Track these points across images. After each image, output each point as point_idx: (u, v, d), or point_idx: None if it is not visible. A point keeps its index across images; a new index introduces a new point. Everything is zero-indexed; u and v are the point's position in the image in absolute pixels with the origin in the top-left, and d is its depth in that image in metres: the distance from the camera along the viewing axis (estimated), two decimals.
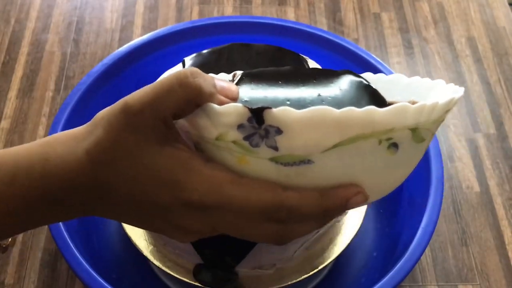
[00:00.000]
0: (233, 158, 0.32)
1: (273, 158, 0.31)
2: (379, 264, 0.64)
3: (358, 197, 0.32)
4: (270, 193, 0.31)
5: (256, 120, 0.30)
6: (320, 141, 0.30)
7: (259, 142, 0.31)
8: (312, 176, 0.31)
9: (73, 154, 0.32)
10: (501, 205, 0.71)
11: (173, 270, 0.55)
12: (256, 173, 0.32)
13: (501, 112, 0.80)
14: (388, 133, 0.30)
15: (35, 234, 0.67)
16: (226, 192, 0.31)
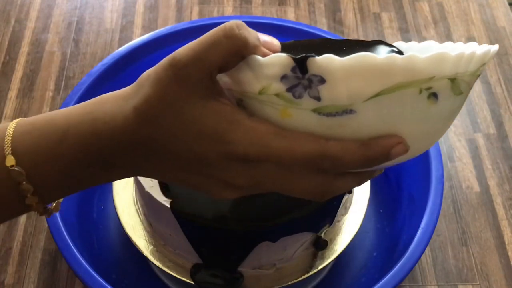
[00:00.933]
0: (275, 111, 0.32)
1: (316, 109, 0.31)
2: (379, 264, 0.64)
3: (399, 147, 0.32)
4: (314, 144, 0.31)
5: (300, 70, 0.31)
6: (363, 89, 0.30)
7: (302, 92, 0.31)
8: (354, 126, 0.31)
9: (121, 112, 0.33)
10: (501, 205, 0.71)
11: (173, 270, 0.55)
12: (299, 125, 0.32)
13: (501, 112, 0.80)
14: (428, 82, 0.31)
15: (35, 234, 0.67)
16: (270, 143, 0.31)
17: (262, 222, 0.49)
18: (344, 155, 0.31)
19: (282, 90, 0.31)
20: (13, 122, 0.35)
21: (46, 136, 0.34)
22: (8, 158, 0.33)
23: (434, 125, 0.33)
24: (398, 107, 0.31)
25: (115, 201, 0.59)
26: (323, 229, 0.54)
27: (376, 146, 0.32)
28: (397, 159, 0.33)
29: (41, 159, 0.34)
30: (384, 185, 0.69)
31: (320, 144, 0.31)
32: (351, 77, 0.30)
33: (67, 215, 0.57)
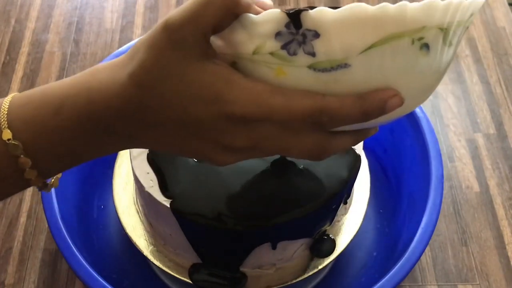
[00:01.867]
0: (270, 71, 0.32)
1: (311, 65, 0.31)
2: (379, 264, 0.64)
3: (394, 100, 0.32)
4: (311, 99, 0.31)
5: (294, 25, 0.30)
6: (357, 41, 0.30)
7: (297, 49, 0.31)
8: (349, 80, 0.31)
9: (117, 80, 0.32)
10: (501, 205, 0.71)
11: (173, 270, 0.55)
12: (294, 83, 0.32)
13: (501, 112, 0.80)
14: (420, 31, 0.31)
15: (35, 234, 0.67)
16: (268, 101, 0.31)
17: (262, 222, 0.49)
18: (342, 109, 0.31)
19: (277, 47, 0.31)
20: (9, 96, 0.34)
21: (42, 109, 0.33)
22: (4, 132, 0.33)
23: (426, 77, 0.33)
24: (391, 59, 0.31)
25: (115, 201, 0.59)
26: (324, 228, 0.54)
27: (373, 98, 0.32)
28: (391, 114, 0.33)
29: (38, 132, 0.33)
30: (384, 185, 0.70)
31: (317, 99, 0.31)
32: (344, 29, 0.30)
33: (67, 215, 0.57)
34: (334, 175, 0.51)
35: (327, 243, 0.55)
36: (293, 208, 0.49)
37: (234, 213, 0.49)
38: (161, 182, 0.50)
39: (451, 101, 0.81)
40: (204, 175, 0.50)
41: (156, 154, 0.52)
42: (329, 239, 0.55)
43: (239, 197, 0.49)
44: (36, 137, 0.33)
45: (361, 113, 0.32)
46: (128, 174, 0.61)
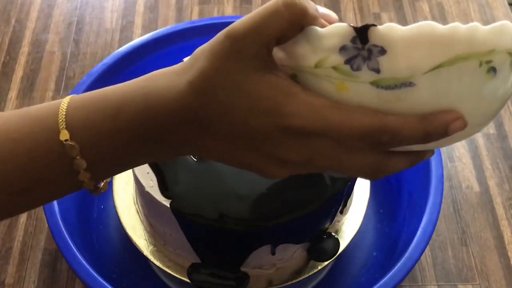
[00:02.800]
0: (332, 86, 0.31)
1: (374, 82, 0.30)
2: (379, 264, 0.64)
3: (458, 123, 0.31)
4: (372, 117, 0.31)
5: (360, 40, 0.30)
6: (424, 60, 0.30)
7: (361, 64, 0.30)
8: (412, 100, 0.31)
9: (175, 87, 0.32)
10: (501, 205, 0.71)
11: (173, 270, 0.55)
12: (356, 99, 0.31)
13: (501, 112, 0.80)
14: (488, 55, 0.30)
15: (36, 234, 0.67)
16: (327, 116, 0.31)
17: (262, 222, 0.49)
18: (403, 129, 0.31)
19: (340, 62, 0.31)
20: (66, 98, 0.35)
21: (100, 112, 0.34)
22: (62, 132, 0.33)
23: (491, 102, 0.33)
24: (457, 81, 0.30)
25: (115, 201, 0.59)
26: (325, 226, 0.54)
27: (436, 120, 0.31)
28: (451, 138, 0.32)
29: (94, 135, 0.33)
30: (384, 185, 0.70)
31: (379, 117, 0.31)
32: (412, 47, 0.30)
33: (67, 215, 0.57)
34: (334, 176, 0.51)
35: (329, 243, 0.55)
36: (293, 209, 0.49)
37: (234, 213, 0.49)
38: (161, 182, 0.50)
39: None
40: (204, 175, 0.50)
41: None
42: (331, 240, 0.55)
43: (239, 198, 0.49)
44: (93, 140, 0.33)
45: (423, 135, 0.31)
46: (128, 174, 0.61)
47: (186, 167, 0.50)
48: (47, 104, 0.35)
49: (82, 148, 0.33)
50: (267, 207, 0.49)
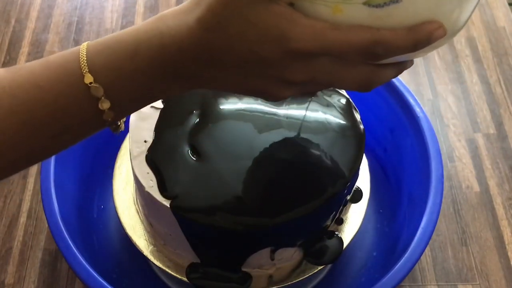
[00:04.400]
0: (327, 9, 0.34)
1: (366, 2, 0.34)
2: (379, 264, 0.64)
3: (439, 31, 0.35)
4: (368, 33, 0.34)
5: None
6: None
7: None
8: (399, 15, 0.34)
9: (185, 24, 0.35)
10: (500, 205, 0.71)
11: (173, 270, 0.55)
12: (351, 19, 0.34)
13: (501, 112, 0.80)
14: None
15: (36, 234, 0.67)
16: (328, 36, 0.34)
17: (262, 222, 0.49)
18: (396, 41, 0.34)
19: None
20: (83, 44, 0.37)
21: (118, 54, 0.36)
22: (86, 76, 0.36)
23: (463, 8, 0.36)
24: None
25: (115, 201, 0.59)
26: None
27: (421, 30, 0.35)
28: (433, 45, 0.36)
29: (116, 76, 0.36)
30: (384, 185, 0.70)
31: (373, 32, 0.34)
32: None
33: (67, 215, 0.57)
34: (335, 175, 0.51)
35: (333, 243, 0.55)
36: (293, 208, 0.49)
37: (234, 213, 0.49)
38: (160, 183, 0.50)
39: (451, 101, 0.81)
40: (204, 175, 0.50)
41: (155, 155, 0.52)
42: (333, 240, 0.56)
43: (239, 198, 0.49)
44: (115, 80, 0.36)
45: (412, 44, 0.35)
46: (128, 174, 0.61)
47: (186, 167, 0.50)
48: (64, 52, 0.37)
49: (106, 89, 0.36)
50: (267, 207, 0.49)
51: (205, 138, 0.52)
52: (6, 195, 0.71)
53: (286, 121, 0.53)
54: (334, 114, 0.54)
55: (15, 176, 0.72)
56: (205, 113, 0.54)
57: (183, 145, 0.51)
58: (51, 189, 0.57)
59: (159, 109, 0.54)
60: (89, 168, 0.67)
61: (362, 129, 0.54)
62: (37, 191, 0.71)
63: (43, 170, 0.59)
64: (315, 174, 0.50)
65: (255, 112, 0.54)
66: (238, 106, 0.54)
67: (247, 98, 0.55)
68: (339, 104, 0.55)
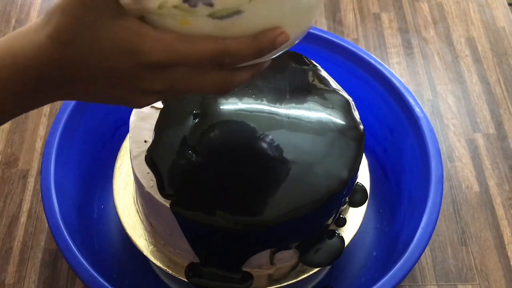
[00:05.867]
0: (175, 22, 0.36)
1: (210, 14, 0.36)
2: (379, 264, 0.64)
3: (282, 37, 0.37)
4: (213, 43, 0.36)
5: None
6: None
7: (197, 1, 0.35)
8: (243, 25, 0.36)
9: (37, 43, 0.36)
10: (500, 205, 0.71)
11: (173, 270, 0.55)
12: (198, 30, 0.36)
13: (501, 112, 0.80)
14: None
15: (36, 234, 0.67)
16: (177, 48, 0.36)
17: (262, 221, 0.49)
18: (241, 49, 0.36)
19: (179, 1, 0.35)
20: None
21: None
22: None
23: (307, 13, 0.39)
24: (277, 2, 0.36)
25: (116, 201, 0.59)
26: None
27: (265, 37, 0.37)
28: (280, 48, 0.38)
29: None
30: (384, 185, 0.70)
31: (219, 42, 0.36)
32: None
33: (67, 215, 0.57)
34: (335, 175, 0.51)
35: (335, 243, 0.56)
36: (293, 208, 0.49)
37: (234, 213, 0.49)
38: (160, 183, 0.50)
39: (451, 101, 0.81)
40: (204, 175, 0.50)
41: (155, 155, 0.52)
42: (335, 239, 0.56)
43: (239, 197, 0.49)
44: None
45: (257, 51, 0.37)
46: (128, 174, 0.61)
47: (186, 167, 0.50)
48: None
49: None
50: (267, 207, 0.49)
51: (205, 138, 0.52)
52: (6, 195, 0.71)
53: (286, 121, 0.53)
54: (334, 114, 0.54)
55: (15, 176, 0.72)
56: (205, 113, 0.54)
57: (183, 145, 0.51)
58: (51, 189, 0.57)
59: (159, 109, 0.54)
60: (89, 168, 0.67)
61: (362, 129, 0.54)
62: (37, 191, 0.71)
63: (43, 170, 0.59)
64: (315, 174, 0.50)
65: (255, 112, 0.54)
66: (238, 106, 0.54)
67: (247, 98, 0.55)
68: (339, 104, 0.55)
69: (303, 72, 0.58)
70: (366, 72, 0.68)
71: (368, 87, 0.68)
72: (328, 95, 0.56)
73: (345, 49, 0.69)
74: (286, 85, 0.56)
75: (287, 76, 0.57)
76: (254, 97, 0.55)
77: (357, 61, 0.68)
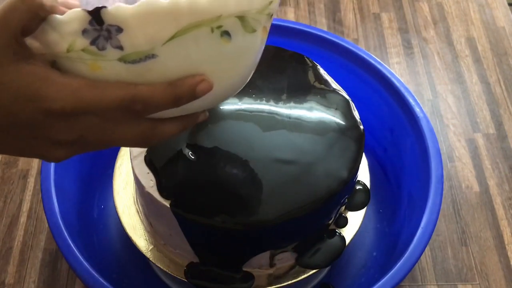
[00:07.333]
0: (86, 66, 0.34)
1: (121, 58, 0.33)
2: (379, 264, 0.64)
3: (203, 85, 0.34)
4: (124, 89, 0.33)
5: (96, 21, 0.32)
6: (158, 33, 0.33)
7: (105, 44, 0.33)
8: (159, 70, 0.34)
9: None
10: (500, 205, 0.71)
11: (173, 269, 0.55)
12: (110, 76, 0.34)
13: (501, 112, 0.80)
14: (217, 21, 0.33)
15: (36, 234, 0.67)
16: (83, 95, 0.33)
17: (262, 221, 0.49)
18: (153, 96, 0.34)
19: (87, 44, 0.33)
20: None
21: None
22: None
23: (234, 61, 0.36)
24: (195, 47, 0.34)
25: (116, 201, 0.59)
26: None
27: (182, 85, 0.34)
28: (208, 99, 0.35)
29: None
30: (384, 185, 0.70)
31: (130, 89, 0.33)
32: (144, 23, 0.32)
33: (67, 215, 0.57)
34: (334, 175, 0.51)
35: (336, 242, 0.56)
36: (293, 208, 0.49)
37: (234, 213, 0.49)
38: (160, 183, 0.50)
39: (451, 101, 0.81)
40: (204, 175, 0.50)
41: (154, 155, 0.52)
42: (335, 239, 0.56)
43: (239, 197, 0.49)
44: None
45: (173, 99, 0.34)
46: (128, 174, 0.61)
47: (186, 167, 0.50)
48: None
49: None
50: (267, 207, 0.49)
51: (205, 138, 0.52)
52: (6, 195, 0.71)
53: (287, 121, 0.53)
54: (334, 114, 0.54)
55: (15, 176, 0.72)
56: None
57: (183, 145, 0.51)
58: (51, 189, 0.57)
59: None
60: (89, 168, 0.67)
61: (362, 129, 0.54)
62: (37, 191, 0.71)
63: (43, 170, 0.59)
64: (315, 174, 0.50)
65: (255, 112, 0.54)
66: (238, 106, 0.54)
67: (247, 98, 0.55)
68: (339, 104, 0.55)
69: (303, 72, 0.58)
70: (366, 72, 0.68)
71: (368, 87, 0.68)
72: (328, 95, 0.56)
73: (345, 49, 0.69)
74: (286, 85, 0.56)
75: (287, 76, 0.57)
76: (254, 97, 0.55)
77: (357, 61, 0.68)
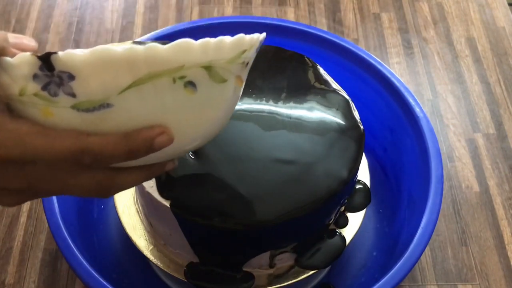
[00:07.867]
0: (38, 111, 0.32)
1: (74, 106, 0.31)
2: (379, 264, 0.64)
3: (162, 137, 0.32)
4: (74, 140, 0.31)
5: (47, 67, 0.31)
6: (113, 82, 0.31)
7: (57, 90, 0.31)
8: (115, 120, 0.32)
9: None
10: (500, 205, 0.71)
11: (173, 269, 0.55)
12: (62, 123, 0.32)
13: (501, 112, 0.80)
14: (179, 71, 0.31)
15: (36, 234, 0.67)
16: (32, 142, 0.31)
17: (262, 221, 0.49)
18: (104, 149, 0.32)
19: (38, 89, 0.31)
20: None
21: None
22: None
23: (200, 113, 0.34)
24: (155, 97, 0.31)
25: (116, 201, 0.59)
26: None
27: (138, 137, 0.32)
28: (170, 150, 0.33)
29: None
30: (384, 185, 0.70)
31: (80, 139, 0.31)
32: (97, 71, 0.30)
33: (67, 215, 0.57)
34: (334, 175, 0.51)
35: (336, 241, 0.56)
36: (293, 208, 0.49)
37: (234, 213, 0.49)
38: (160, 183, 0.50)
39: (450, 101, 0.81)
40: (204, 175, 0.50)
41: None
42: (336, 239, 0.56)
43: (239, 197, 0.49)
44: None
45: (126, 152, 0.32)
46: None
47: (186, 167, 0.50)
48: None
49: None
50: (267, 207, 0.49)
51: None
52: None
53: (287, 121, 0.53)
54: (334, 114, 0.54)
55: None
56: None
57: None
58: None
59: None
60: None
61: (362, 129, 0.54)
62: None
63: None
64: (315, 174, 0.50)
65: (255, 112, 0.54)
66: (238, 106, 0.54)
67: (247, 98, 0.55)
68: (339, 104, 0.55)
69: (303, 72, 0.58)
70: (366, 72, 0.68)
71: (368, 87, 0.68)
72: (328, 95, 0.56)
73: (345, 49, 0.69)
74: (286, 85, 0.56)
75: (287, 76, 0.57)
76: (254, 97, 0.55)
77: (357, 61, 0.68)
